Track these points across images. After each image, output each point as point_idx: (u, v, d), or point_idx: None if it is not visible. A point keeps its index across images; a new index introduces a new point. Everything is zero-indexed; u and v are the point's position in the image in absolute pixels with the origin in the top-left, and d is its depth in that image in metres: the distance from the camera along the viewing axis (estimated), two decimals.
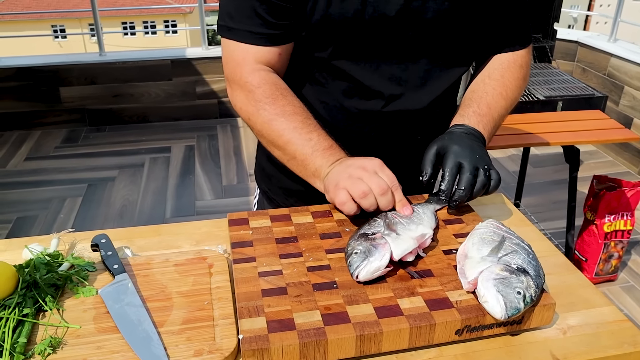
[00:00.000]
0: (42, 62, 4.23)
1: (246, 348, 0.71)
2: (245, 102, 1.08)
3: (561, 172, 3.63)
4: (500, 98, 1.13)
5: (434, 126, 1.18)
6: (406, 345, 0.76)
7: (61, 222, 3.17)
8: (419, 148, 1.14)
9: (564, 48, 4.24)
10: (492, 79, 1.15)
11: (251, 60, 1.06)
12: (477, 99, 1.12)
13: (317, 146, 1.02)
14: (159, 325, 0.79)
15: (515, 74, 1.17)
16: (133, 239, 1.02)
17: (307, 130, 1.03)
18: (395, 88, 1.11)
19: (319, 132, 1.04)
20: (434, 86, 1.13)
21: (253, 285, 0.82)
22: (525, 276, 0.80)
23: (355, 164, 0.96)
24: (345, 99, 1.13)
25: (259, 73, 1.06)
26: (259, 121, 1.06)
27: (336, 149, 1.03)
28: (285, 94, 1.06)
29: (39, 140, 4.16)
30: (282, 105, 1.05)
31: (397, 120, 1.15)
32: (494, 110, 1.12)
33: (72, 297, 0.84)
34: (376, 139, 1.17)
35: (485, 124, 1.09)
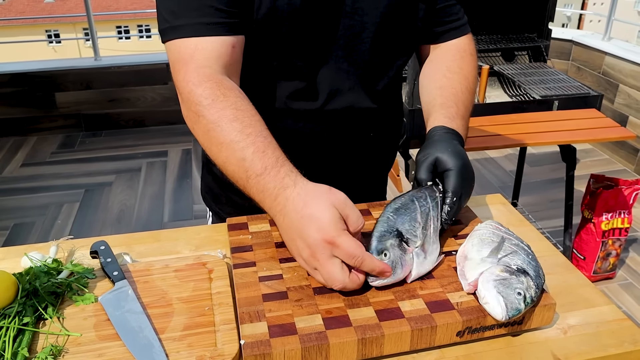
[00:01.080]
0: (37, 68, 4.22)
1: (248, 353, 0.71)
2: (186, 106, 0.93)
3: (558, 171, 3.64)
4: (467, 93, 1.11)
5: (384, 122, 1.19)
6: (408, 347, 0.76)
7: (59, 228, 3.16)
8: (373, 145, 1.17)
9: (559, 47, 4.25)
10: (453, 73, 1.12)
11: (200, 57, 0.92)
12: (451, 97, 1.08)
13: (250, 170, 0.85)
14: (160, 332, 0.79)
15: (470, 64, 1.15)
16: (132, 245, 1.02)
17: (242, 145, 0.86)
18: (344, 83, 1.08)
19: (255, 147, 0.86)
20: (379, 80, 1.12)
21: (254, 290, 0.82)
22: (525, 277, 0.80)
23: (300, 241, 0.80)
24: (293, 101, 1.08)
25: (203, 70, 0.92)
26: (200, 131, 0.91)
27: (269, 173, 0.84)
28: (227, 93, 0.90)
29: (35, 146, 4.15)
30: (221, 109, 0.88)
31: (348, 117, 1.12)
32: (467, 110, 1.10)
33: (72, 304, 0.84)
34: (328, 138, 1.14)
35: (464, 127, 1.07)
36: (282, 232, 0.86)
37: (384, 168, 1.32)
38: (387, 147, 1.28)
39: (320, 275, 0.80)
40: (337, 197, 0.81)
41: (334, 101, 1.10)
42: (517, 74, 2.62)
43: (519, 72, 2.65)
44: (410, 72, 2.29)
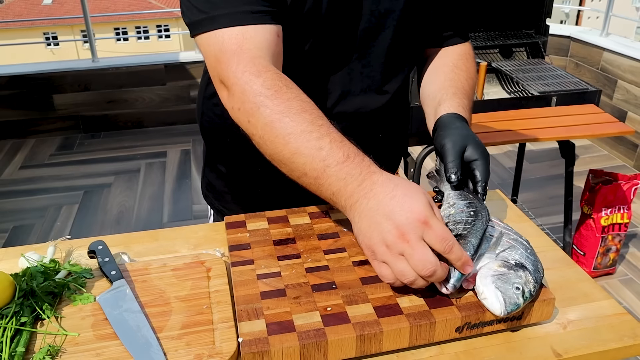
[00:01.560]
0: (34, 70, 4.21)
1: (246, 351, 0.71)
2: (242, 99, 0.86)
3: (557, 167, 3.64)
4: (471, 91, 1.14)
5: (392, 123, 1.21)
6: (407, 344, 0.76)
7: (58, 230, 3.16)
8: (381, 146, 1.16)
9: (557, 43, 4.25)
10: (460, 70, 1.15)
11: (250, 47, 0.87)
12: (459, 90, 1.11)
13: (329, 159, 0.80)
14: (158, 331, 0.79)
15: (474, 67, 1.20)
16: (130, 245, 1.02)
17: (317, 135, 0.81)
18: (356, 85, 1.09)
19: (331, 137, 0.82)
20: (390, 83, 1.13)
21: (252, 287, 0.82)
22: (524, 271, 0.79)
23: (388, 222, 0.75)
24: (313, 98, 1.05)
25: (258, 60, 0.87)
26: (259, 124, 0.85)
27: (353, 161, 0.81)
28: (289, 85, 0.86)
29: (34, 149, 4.14)
30: (287, 100, 0.84)
31: (356, 119, 1.13)
32: (470, 100, 1.13)
33: (70, 304, 0.84)
34: None
35: (469, 116, 1.10)
36: (362, 219, 0.78)
37: (391, 168, 1.32)
38: (395, 148, 1.29)
39: (400, 265, 0.73)
40: (428, 196, 0.78)
41: (344, 103, 1.10)
42: (515, 70, 2.62)
43: (517, 68, 2.64)
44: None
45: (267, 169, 0.93)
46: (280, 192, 1.13)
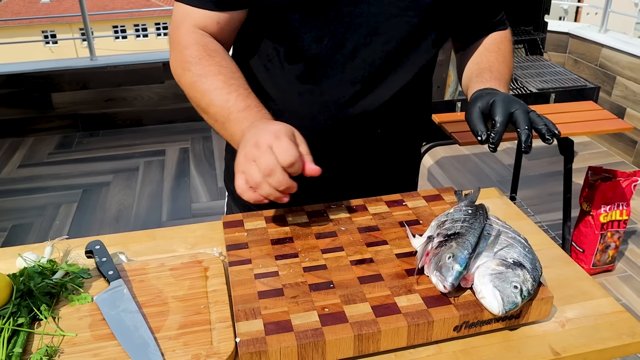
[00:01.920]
0: (32, 68, 4.20)
1: (244, 351, 0.71)
2: (175, 63, 1.06)
3: (556, 164, 3.63)
4: (504, 66, 1.15)
5: (398, 119, 1.16)
6: (405, 343, 0.76)
7: (57, 228, 3.15)
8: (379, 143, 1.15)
9: (556, 40, 4.24)
10: (490, 52, 1.17)
11: (189, 23, 1.04)
12: (487, 67, 1.13)
13: (233, 108, 0.96)
14: (156, 331, 0.79)
15: (508, 46, 1.20)
16: (128, 244, 1.02)
17: (227, 91, 0.98)
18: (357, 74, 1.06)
19: (238, 92, 0.98)
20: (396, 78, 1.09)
21: (249, 287, 0.82)
22: (522, 270, 0.79)
23: (252, 139, 0.87)
24: (300, 84, 1.08)
25: (192, 35, 1.04)
26: (186, 83, 1.03)
27: (251, 110, 0.96)
28: (212, 54, 1.02)
29: (32, 147, 4.14)
30: (207, 66, 1.01)
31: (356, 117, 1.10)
32: (504, 75, 1.13)
33: (68, 304, 0.84)
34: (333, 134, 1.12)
35: (503, 86, 1.09)
36: (241, 144, 0.90)
37: (408, 164, 1.29)
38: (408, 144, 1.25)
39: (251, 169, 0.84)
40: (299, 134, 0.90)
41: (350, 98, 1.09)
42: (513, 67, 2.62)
43: (515, 65, 2.64)
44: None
45: None
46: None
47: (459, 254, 0.79)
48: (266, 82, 1.11)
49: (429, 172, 3.64)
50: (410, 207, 1.03)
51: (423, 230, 0.94)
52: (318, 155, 1.08)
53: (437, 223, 0.90)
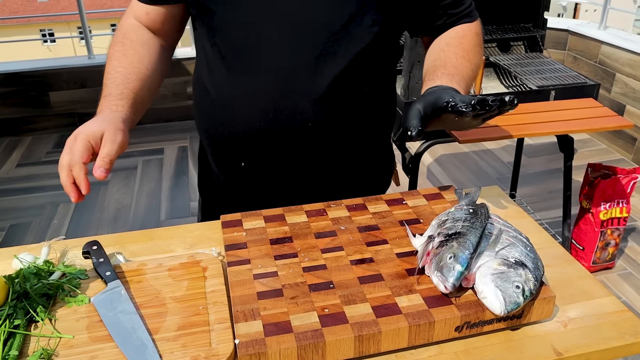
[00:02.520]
0: (30, 67, 4.18)
1: (243, 353, 0.70)
2: None
3: (555, 162, 3.62)
4: (463, 60, 1.09)
5: (344, 112, 1.09)
6: (406, 344, 0.75)
7: (55, 228, 3.14)
8: (332, 139, 1.10)
9: (555, 37, 4.23)
10: (450, 46, 1.11)
11: (129, 12, 1.17)
12: (441, 64, 1.07)
13: (103, 92, 1.08)
14: (154, 332, 0.78)
15: (473, 40, 1.14)
16: (125, 245, 1.01)
17: (109, 77, 1.10)
18: (285, 60, 1.03)
19: (111, 81, 1.08)
20: (328, 67, 1.03)
21: (248, 288, 0.81)
22: (524, 269, 0.78)
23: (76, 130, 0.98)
24: (232, 75, 1.07)
25: (127, 22, 1.17)
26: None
27: (106, 99, 1.06)
28: (124, 41, 1.14)
29: (30, 146, 4.12)
30: (114, 51, 1.13)
31: (293, 110, 1.06)
32: (461, 71, 1.06)
33: (64, 306, 0.83)
34: (274, 131, 1.08)
35: (457, 82, 1.02)
36: None
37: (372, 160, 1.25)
38: (366, 138, 1.18)
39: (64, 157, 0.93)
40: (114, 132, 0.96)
41: (281, 86, 1.05)
42: (513, 64, 2.60)
43: (515, 62, 2.63)
44: (406, 64, 2.27)
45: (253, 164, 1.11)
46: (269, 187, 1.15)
47: (460, 254, 0.78)
48: (207, 79, 1.14)
49: (428, 170, 3.63)
50: (410, 205, 1.02)
51: (423, 229, 0.93)
52: (264, 156, 1.10)
53: (437, 222, 0.90)
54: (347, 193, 1.09)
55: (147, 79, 1.12)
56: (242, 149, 1.11)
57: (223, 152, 1.17)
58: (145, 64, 1.12)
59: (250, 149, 1.11)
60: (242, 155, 1.13)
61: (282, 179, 1.14)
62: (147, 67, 1.13)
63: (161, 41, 1.19)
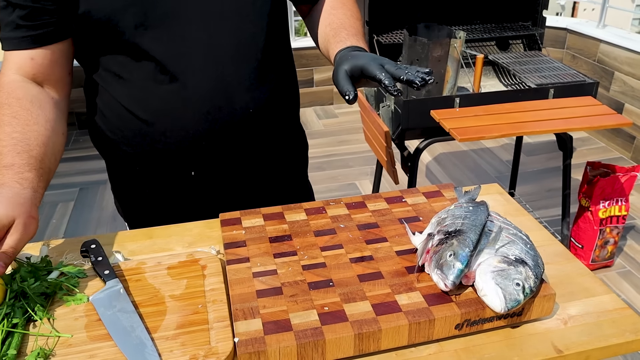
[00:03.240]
0: None
1: (242, 351, 0.70)
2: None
3: (554, 160, 3.63)
4: (354, 20, 1.14)
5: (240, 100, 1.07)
6: (406, 341, 0.75)
7: (54, 227, 3.14)
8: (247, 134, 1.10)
9: (553, 35, 4.23)
10: (337, 9, 1.16)
11: (5, 67, 1.02)
12: (340, 25, 1.11)
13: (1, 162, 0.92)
14: (153, 331, 0.77)
15: (349, 4, 1.19)
16: (124, 243, 1.00)
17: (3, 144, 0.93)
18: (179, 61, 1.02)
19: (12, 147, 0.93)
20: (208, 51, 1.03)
21: (247, 286, 0.81)
22: (524, 267, 0.78)
23: None
24: (152, 84, 1.04)
25: (3, 79, 1.01)
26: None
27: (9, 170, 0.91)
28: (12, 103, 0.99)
29: None
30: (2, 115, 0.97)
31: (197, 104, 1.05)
32: (358, 29, 1.12)
33: (63, 305, 0.83)
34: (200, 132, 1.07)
35: (361, 40, 1.07)
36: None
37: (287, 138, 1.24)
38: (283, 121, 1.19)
39: None
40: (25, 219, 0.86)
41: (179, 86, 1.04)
42: (512, 62, 2.60)
43: (513, 60, 2.63)
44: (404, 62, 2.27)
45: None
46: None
47: (460, 251, 0.78)
48: (123, 97, 1.06)
49: (427, 168, 3.63)
50: (409, 203, 1.02)
51: (423, 227, 0.93)
52: (213, 158, 1.09)
53: (437, 220, 0.89)
54: (272, 176, 1.15)
55: (49, 141, 0.98)
56: (189, 157, 1.08)
57: (165, 168, 1.11)
58: (42, 124, 0.99)
59: (198, 155, 1.09)
60: (191, 163, 1.09)
61: (232, 180, 1.14)
62: (46, 127, 0.99)
63: (52, 93, 1.06)
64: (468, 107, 2.22)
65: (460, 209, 0.89)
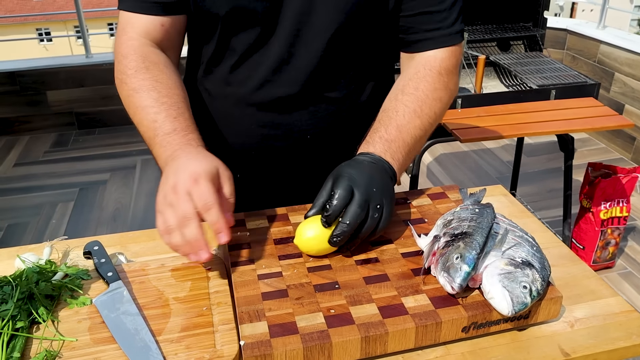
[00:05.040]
0: (27, 66, 4.17)
1: (248, 355, 0.69)
2: (115, 74, 1.02)
3: (554, 161, 3.63)
4: (413, 116, 0.99)
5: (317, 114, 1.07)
6: (412, 344, 0.74)
7: (53, 227, 3.13)
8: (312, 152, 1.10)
9: (554, 36, 4.23)
10: (405, 94, 1.01)
11: (130, 30, 1.01)
12: (386, 121, 0.99)
13: (159, 130, 0.92)
14: (157, 334, 0.77)
15: (434, 84, 1.02)
16: (127, 245, 1.00)
17: (156, 110, 0.93)
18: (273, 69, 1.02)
19: (167, 113, 0.93)
20: (302, 68, 1.02)
21: (252, 288, 0.80)
22: (531, 269, 0.78)
23: (171, 177, 0.82)
24: (229, 83, 1.07)
25: (132, 42, 1.00)
26: (122, 95, 1.00)
27: (177, 134, 0.90)
28: (150, 67, 0.98)
29: (28, 146, 4.10)
30: (142, 80, 0.97)
31: (273, 108, 1.06)
32: (406, 133, 0.97)
33: (66, 307, 0.82)
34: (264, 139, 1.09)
35: (394, 151, 0.95)
36: (164, 175, 0.85)
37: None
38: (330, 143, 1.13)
39: (167, 213, 0.80)
40: (225, 168, 0.85)
41: (265, 86, 1.05)
42: (513, 63, 2.60)
43: (515, 61, 2.62)
44: None
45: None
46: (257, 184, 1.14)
47: (467, 254, 0.77)
48: (205, 84, 1.09)
49: (428, 169, 3.62)
50: (414, 205, 1.02)
51: (428, 229, 0.93)
52: (260, 167, 1.10)
53: (443, 222, 0.89)
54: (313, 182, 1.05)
55: (188, 102, 1.00)
56: (238, 162, 1.08)
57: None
58: (181, 88, 1.00)
59: (247, 162, 1.10)
60: (238, 168, 1.07)
61: (278, 186, 1.15)
62: (183, 90, 1.00)
63: (171, 58, 1.06)
64: (470, 108, 2.22)
65: (466, 211, 0.88)
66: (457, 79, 1.09)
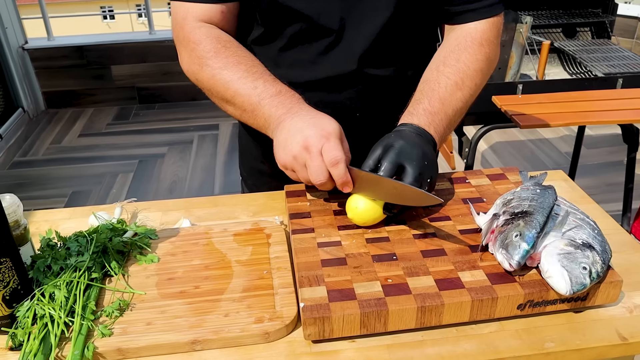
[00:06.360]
0: (94, 41, 4.32)
1: (307, 316, 0.72)
2: (189, 61, 1.04)
3: (616, 154, 3.50)
4: (455, 89, 1.00)
5: (374, 90, 1.09)
6: (467, 318, 0.75)
7: (114, 196, 3.26)
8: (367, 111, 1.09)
9: (623, 24, 4.06)
10: (446, 66, 1.02)
11: (191, 19, 1.03)
12: (429, 93, 1.00)
13: (263, 94, 0.94)
14: (220, 292, 0.81)
15: (475, 55, 1.03)
16: (191, 209, 1.04)
17: (252, 79, 0.96)
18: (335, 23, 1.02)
19: (265, 79, 0.96)
20: (360, 44, 1.03)
21: (312, 255, 0.83)
22: (591, 251, 0.77)
23: (298, 135, 0.86)
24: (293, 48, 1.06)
25: (200, 30, 1.02)
26: (204, 78, 1.01)
27: (285, 95, 0.94)
28: (228, 45, 1.01)
29: (92, 118, 4.27)
30: (225, 57, 0.99)
31: (330, 83, 1.07)
32: (448, 106, 0.99)
33: (136, 263, 0.87)
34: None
35: (437, 124, 0.96)
36: (282, 133, 0.89)
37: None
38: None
39: (303, 173, 0.86)
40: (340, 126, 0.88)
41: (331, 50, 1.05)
42: (578, 50, 2.52)
43: (580, 48, 2.55)
44: None
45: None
46: None
47: (527, 232, 0.78)
48: (282, 67, 1.07)
49: (482, 156, 3.57)
50: (473, 184, 1.02)
51: (486, 208, 0.93)
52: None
53: (502, 201, 0.89)
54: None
55: None
56: None
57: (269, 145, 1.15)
58: (259, 61, 1.02)
59: None
60: None
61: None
62: (262, 64, 1.02)
63: None
64: (531, 95, 2.18)
65: (527, 191, 0.88)
66: (498, 49, 1.10)
